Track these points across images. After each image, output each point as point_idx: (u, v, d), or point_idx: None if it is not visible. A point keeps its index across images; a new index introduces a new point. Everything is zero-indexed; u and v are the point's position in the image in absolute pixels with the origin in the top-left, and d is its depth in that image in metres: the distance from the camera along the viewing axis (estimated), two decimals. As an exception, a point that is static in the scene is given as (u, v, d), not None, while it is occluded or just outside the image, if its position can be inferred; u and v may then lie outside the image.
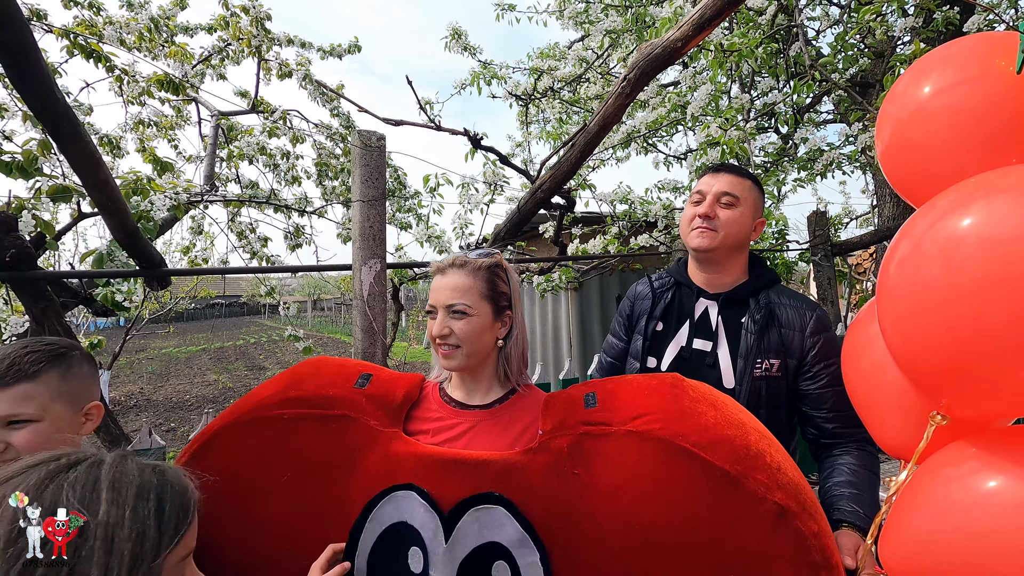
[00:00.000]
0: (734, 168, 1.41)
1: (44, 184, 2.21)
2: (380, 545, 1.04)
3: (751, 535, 0.91)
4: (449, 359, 1.10)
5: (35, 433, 0.92)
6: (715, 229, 1.33)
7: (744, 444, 0.96)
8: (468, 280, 1.10)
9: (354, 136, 1.75)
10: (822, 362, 1.29)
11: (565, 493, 0.99)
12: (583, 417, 1.03)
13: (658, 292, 1.47)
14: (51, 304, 1.57)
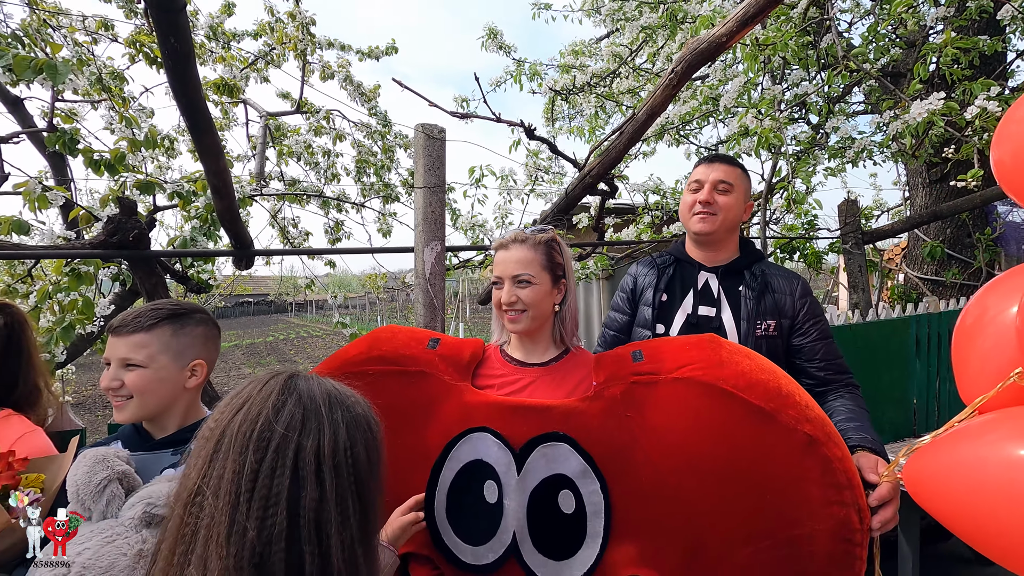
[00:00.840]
0: (726, 158, 1.58)
1: (130, 179, 2.46)
2: (459, 480, 1.20)
3: (784, 461, 1.05)
4: (516, 323, 1.26)
5: (141, 377, 1.07)
6: (715, 214, 1.51)
7: (776, 386, 1.10)
8: (530, 253, 1.26)
9: (417, 128, 1.93)
10: (811, 320, 1.47)
11: (620, 432, 1.15)
12: (632, 369, 1.18)
13: (661, 268, 1.63)
14: (160, 280, 1.79)
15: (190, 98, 1.24)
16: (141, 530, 0.89)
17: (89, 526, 0.89)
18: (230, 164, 3.66)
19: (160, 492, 0.91)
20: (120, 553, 0.85)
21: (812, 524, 1.04)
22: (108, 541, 0.86)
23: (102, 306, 2.60)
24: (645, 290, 1.60)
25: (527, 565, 1.15)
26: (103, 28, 3.82)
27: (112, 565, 0.84)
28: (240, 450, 0.65)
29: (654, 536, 1.11)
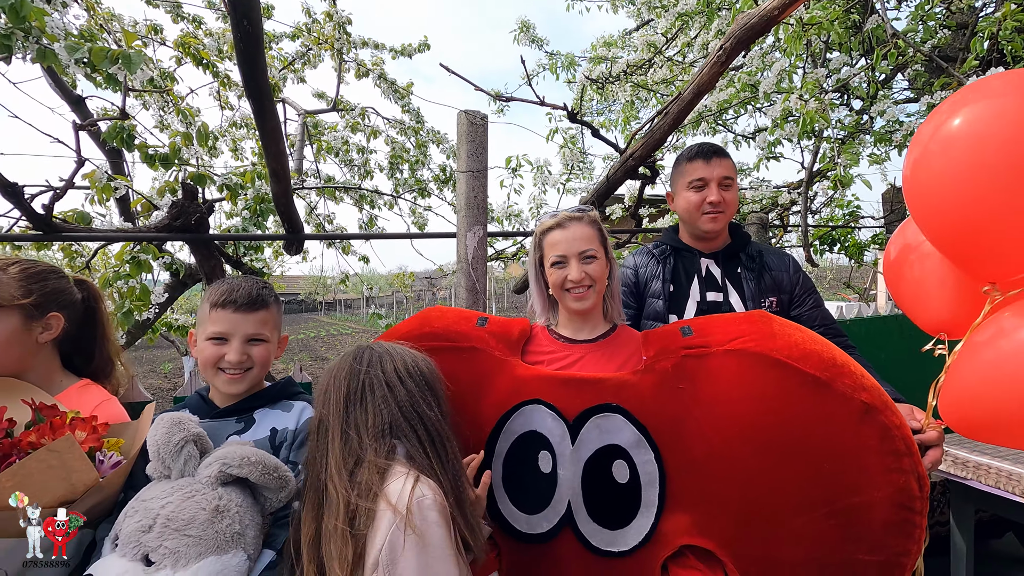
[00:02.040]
0: (719, 150, 1.58)
1: (184, 172, 2.57)
2: (513, 450, 1.23)
3: (840, 429, 1.04)
4: (583, 300, 1.27)
5: (265, 350, 1.17)
6: (723, 212, 1.54)
7: (831, 356, 1.09)
8: (588, 229, 1.28)
9: (460, 115, 1.96)
10: (805, 291, 1.57)
11: (673, 404, 1.15)
12: (682, 343, 1.18)
13: (661, 258, 1.64)
14: (219, 263, 1.88)
15: (258, 81, 1.31)
16: (217, 487, 0.95)
17: (169, 483, 0.95)
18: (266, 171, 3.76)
19: (234, 454, 0.97)
20: (199, 508, 0.91)
21: (870, 492, 1.03)
22: (188, 496, 0.92)
23: (156, 294, 2.73)
24: (650, 282, 1.61)
25: (582, 534, 1.17)
26: (153, 32, 4.00)
27: (193, 518, 0.89)
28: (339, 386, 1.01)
29: (708, 506, 1.12)
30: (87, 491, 0.95)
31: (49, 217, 1.59)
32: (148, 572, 0.85)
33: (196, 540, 0.88)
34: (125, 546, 0.88)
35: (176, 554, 0.86)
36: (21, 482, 0.86)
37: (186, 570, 0.86)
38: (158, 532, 0.87)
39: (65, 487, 0.92)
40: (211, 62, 3.95)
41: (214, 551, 0.89)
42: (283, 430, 1.14)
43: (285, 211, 1.87)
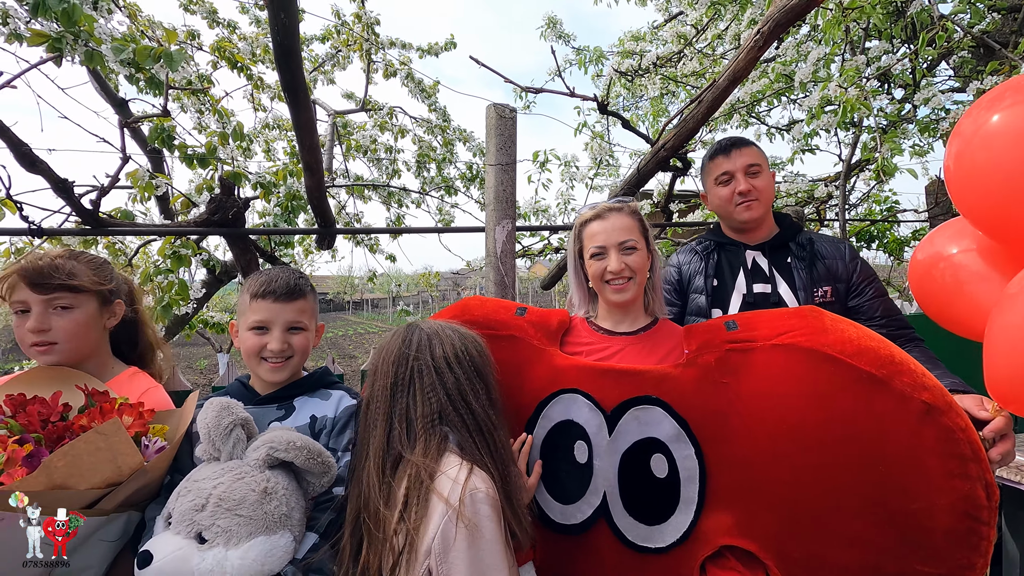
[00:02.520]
0: (740, 141, 1.55)
1: (220, 171, 2.64)
2: (550, 438, 1.21)
3: (897, 430, 0.99)
4: (623, 292, 1.25)
5: (304, 338, 1.19)
6: (756, 199, 1.50)
7: (888, 353, 1.04)
8: (628, 220, 1.25)
9: (489, 108, 1.95)
10: (865, 280, 1.48)
11: (716, 398, 1.12)
12: (727, 338, 1.15)
13: (704, 254, 1.62)
14: (254, 257, 1.92)
15: (293, 75, 1.33)
16: (264, 470, 0.97)
17: (218, 465, 0.97)
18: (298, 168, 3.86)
19: (281, 438, 0.99)
20: (249, 489, 0.93)
21: (930, 498, 0.98)
22: (238, 478, 0.94)
23: (194, 290, 2.82)
24: (693, 278, 1.59)
25: (617, 527, 1.15)
26: (191, 37, 4.13)
27: (244, 499, 0.92)
28: (386, 371, 1.04)
29: (750, 504, 1.08)
30: (132, 474, 0.98)
31: (96, 213, 1.66)
32: (202, 549, 0.88)
33: (247, 520, 0.90)
34: (179, 524, 0.90)
35: (228, 532, 0.89)
36: (71, 462, 0.89)
37: (238, 548, 0.89)
38: (211, 511, 0.90)
39: (112, 469, 0.95)
40: (245, 65, 4.06)
41: (263, 531, 0.91)
42: (322, 418, 1.16)
43: (318, 205, 1.90)
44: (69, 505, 0.91)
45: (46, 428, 0.99)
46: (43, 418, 1.01)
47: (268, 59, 4.83)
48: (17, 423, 0.98)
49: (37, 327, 1.14)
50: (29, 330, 1.14)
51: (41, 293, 1.14)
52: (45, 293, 1.15)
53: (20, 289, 1.14)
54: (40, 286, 1.14)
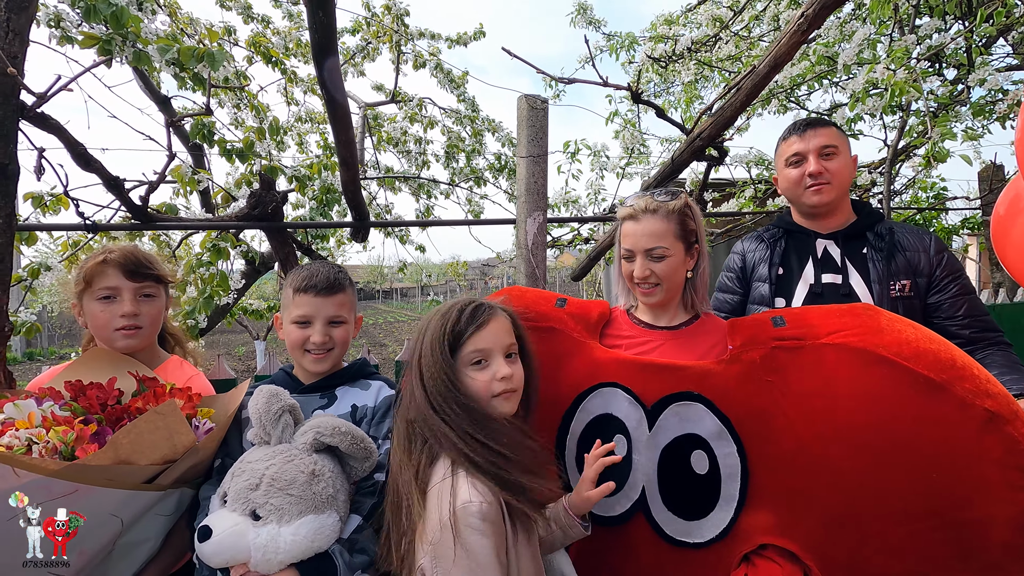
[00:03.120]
0: (818, 121, 1.47)
1: (257, 165, 2.71)
2: (588, 431, 1.21)
3: (955, 437, 0.95)
4: (650, 296, 1.23)
5: (345, 331, 1.23)
6: (828, 182, 1.43)
7: (949, 356, 0.99)
8: (663, 224, 1.20)
9: (520, 99, 1.94)
10: (950, 276, 1.39)
11: (760, 396, 1.10)
12: (774, 334, 1.12)
13: (771, 241, 1.55)
14: (292, 250, 1.98)
15: (330, 67, 1.35)
16: (312, 453, 1.02)
17: (269, 448, 1.02)
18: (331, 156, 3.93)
19: (327, 424, 1.03)
20: (299, 471, 0.98)
21: (987, 508, 0.94)
22: (288, 460, 0.99)
23: (234, 281, 2.91)
24: (757, 266, 1.54)
25: (655, 521, 1.14)
26: (227, 34, 4.22)
27: (294, 480, 0.97)
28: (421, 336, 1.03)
29: (793, 505, 1.06)
30: (185, 453, 1.04)
31: (146, 208, 1.73)
32: (256, 525, 0.94)
33: (297, 499, 0.95)
34: (235, 502, 0.96)
35: (280, 511, 0.94)
36: (135, 439, 0.96)
37: (289, 525, 0.94)
38: (264, 490, 0.95)
39: (168, 447, 1.01)
40: (280, 59, 4.13)
41: (312, 510, 0.96)
42: (363, 407, 1.20)
43: (353, 199, 1.93)
44: (133, 479, 0.98)
45: (105, 411, 1.06)
46: (101, 402, 1.08)
47: (301, 53, 4.91)
48: (79, 406, 1.05)
49: (132, 311, 1.23)
50: (122, 315, 1.23)
51: (133, 281, 1.24)
52: (137, 281, 1.24)
53: (112, 276, 1.23)
54: (134, 274, 1.24)
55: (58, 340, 13.36)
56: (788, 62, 1.68)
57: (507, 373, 0.99)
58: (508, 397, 1.00)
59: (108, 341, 1.25)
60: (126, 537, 1.05)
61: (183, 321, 2.47)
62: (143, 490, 1.01)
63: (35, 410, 0.98)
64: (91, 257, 1.26)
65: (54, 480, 0.88)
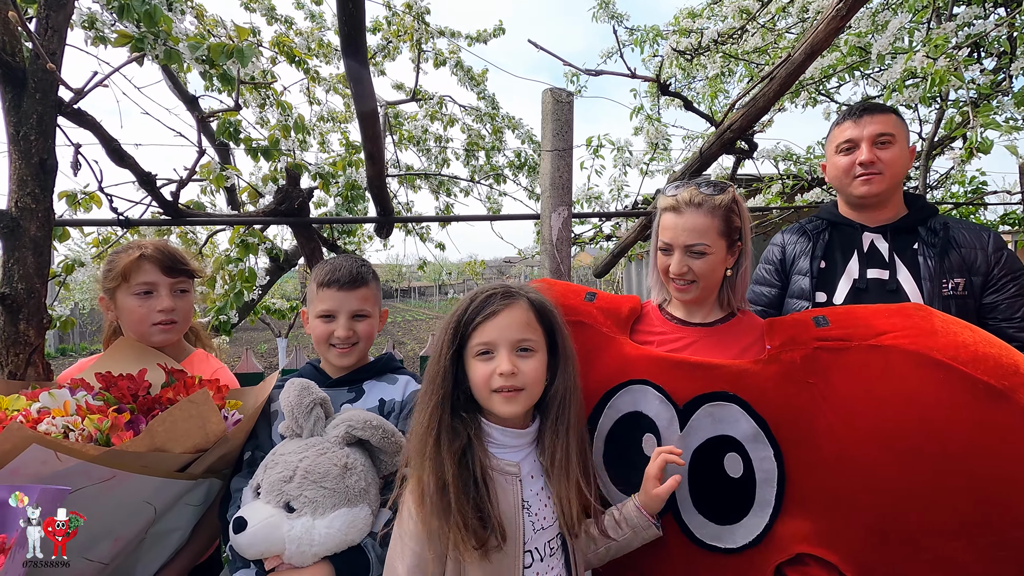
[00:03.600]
0: (876, 106, 1.39)
1: (282, 161, 2.74)
2: (616, 429, 1.18)
3: (1018, 449, 0.89)
4: (684, 293, 1.19)
5: (369, 325, 1.22)
6: (880, 172, 1.35)
7: (1012, 361, 0.93)
8: (706, 220, 1.14)
9: (545, 93, 1.92)
10: (1009, 275, 1.33)
11: (799, 399, 1.05)
12: (816, 334, 1.07)
13: (813, 234, 1.48)
14: (318, 245, 1.99)
15: (358, 63, 1.35)
16: (343, 447, 1.02)
17: (301, 441, 1.03)
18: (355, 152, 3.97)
19: (358, 417, 1.03)
20: (332, 464, 0.98)
21: None
22: (321, 453, 0.99)
23: (259, 277, 2.95)
24: (797, 259, 1.47)
25: (685, 524, 1.11)
26: (251, 34, 4.28)
27: (327, 473, 0.97)
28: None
29: (833, 513, 1.02)
30: (216, 442, 1.06)
31: (176, 204, 1.76)
32: (291, 517, 0.94)
33: (331, 492, 0.96)
34: (269, 494, 0.96)
35: (315, 503, 0.95)
36: (170, 427, 0.98)
37: (323, 518, 0.94)
38: (298, 483, 0.96)
39: (201, 435, 1.02)
40: (303, 58, 4.18)
41: (345, 503, 0.97)
42: (390, 401, 1.20)
43: (379, 194, 1.94)
44: (166, 467, 1.00)
45: (137, 401, 1.08)
46: (132, 392, 1.10)
47: (322, 53, 4.95)
48: (112, 396, 1.07)
49: (170, 307, 1.25)
50: (160, 310, 1.25)
51: (170, 276, 1.26)
52: (173, 276, 1.27)
53: (149, 271, 1.24)
54: (171, 270, 1.26)
55: (89, 336, 13.80)
56: (825, 49, 1.62)
57: (506, 369, 0.89)
58: (509, 397, 0.91)
59: (144, 336, 1.26)
60: (157, 526, 1.07)
61: (215, 317, 2.52)
62: (175, 478, 1.02)
63: (69, 399, 1.00)
64: (124, 252, 1.27)
65: (94, 465, 0.90)
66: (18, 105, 1.24)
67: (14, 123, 1.24)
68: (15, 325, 1.31)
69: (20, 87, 1.23)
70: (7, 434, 0.83)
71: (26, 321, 1.32)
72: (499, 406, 0.92)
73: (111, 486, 0.93)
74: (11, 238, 1.28)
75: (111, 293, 1.27)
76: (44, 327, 1.38)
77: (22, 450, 0.83)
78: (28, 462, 0.84)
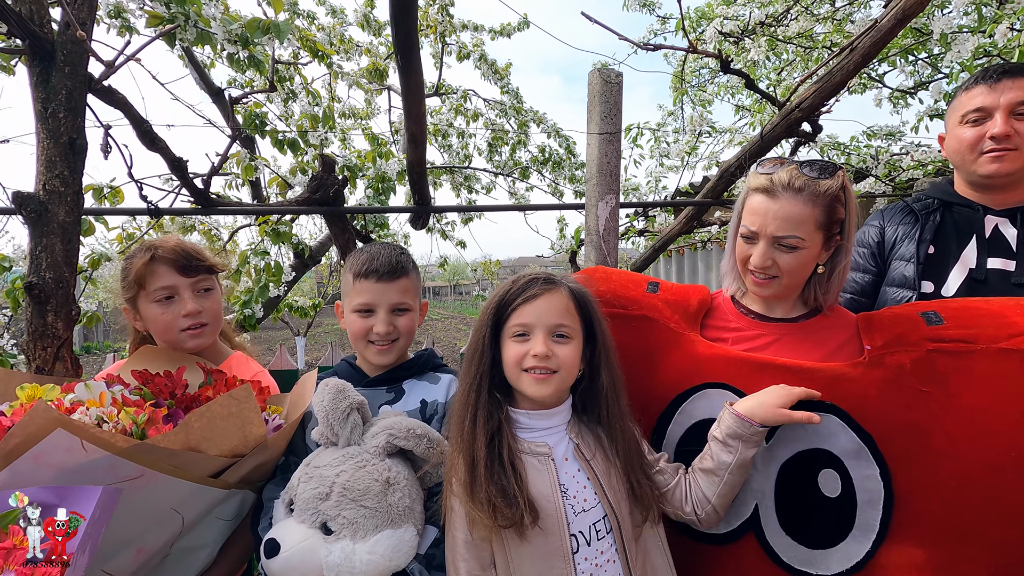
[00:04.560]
0: (1014, 68, 1.19)
1: (308, 153, 2.67)
2: (689, 437, 1.06)
3: None
4: (763, 288, 1.05)
5: (409, 319, 1.12)
6: (1015, 148, 1.17)
7: None
8: (805, 208, 0.98)
9: (592, 73, 1.80)
10: None
11: (911, 410, 0.92)
12: (928, 334, 0.93)
13: (922, 214, 1.31)
14: (352, 237, 1.91)
15: (408, 30, 1.26)
16: (384, 458, 0.91)
17: (337, 451, 0.92)
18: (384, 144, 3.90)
19: (400, 425, 0.92)
20: (372, 479, 0.88)
21: None
22: (360, 466, 0.89)
23: (284, 272, 2.89)
24: (900, 242, 1.31)
25: (769, 544, 0.99)
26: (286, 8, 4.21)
27: (368, 489, 0.87)
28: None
29: (951, 543, 0.89)
30: (255, 448, 0.96)
31: (208, 192, 1.68)
32: (328, 541, 0.85)
33: (372, 512, 0.86)
34: (303, 512, 0.87)
35: (355, 525, 0.85)
36: (207, 424, 0.89)
37: (365, 542, 0.85)
38: (335, 501, 0.86)
39: (239, 437, 0.93)
40: (326, 53, 4.11)
41: (388, 524, 0.87)
42: (433, 402, 1.10)
43: (417, 181, 1.83)
44: (200, 470, 0.90)
45: (175, 398, 1.00)
46: (170, 390, 1.02)
47: (344, 49, 4.89)
48: (149, 391, 0.98)
49: (196, 309, 1.14)
50: (186, 314, 1.13)
51: (189, 276, 1.14)
52: (192, 276, 1.15)
53: (165, 274, 1.13)
54: (188, 269, 1.14)
55: (112, 335, 14.01)
56: (919, 13, 1.45)
57: (541, 350, 0.89)
58: (541, 379, 0.90)
59: (176, 344, 1.16)
60: (184, 540, 0.98)
61: (240, 311, 2.46)
62: (208, 485, 0.93)
63: (105, 391, 0.92)
64: (136, 255, 1.15)
65: (121, 460, 0.81)
66: (46, 80, 1.16)
67: (42, 99, 1.16)
68: (43, 317, 1.23)
69: (48, 61, 1.15)
70: (32, 414, 0.76)
71: (54, 313, 1.24)
72: (529, 386, 0.91)
73: (138, 487, 0.83)
74: (39, 223, 1.20)
75: (132, 303, 1.16)
76: (73, 319, 1.30)
77: (47, 434, 0.76)
78: (52, 448, 0.77)
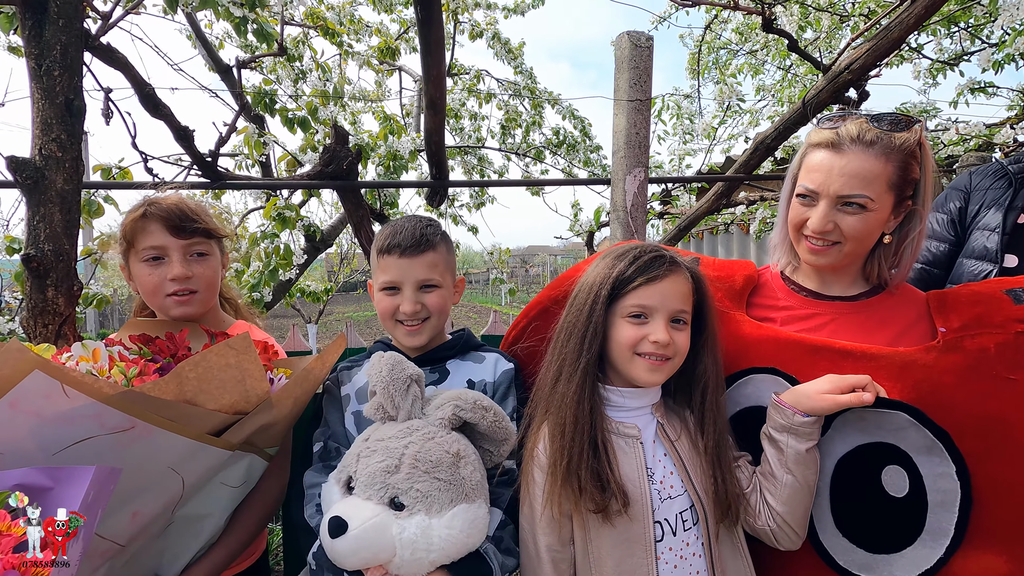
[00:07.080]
0: None
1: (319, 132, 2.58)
2: (733, 425, 0.97)
3: None
4: (820, 256, 0.93)
5: (439, 297, 1.03)
6: None
7: None
8: (876, 164, 0.86)
9: (620, 37, 1.68)
10: None
11: (994, 400, 0.82)
12: (1016, 315, 0.83)
13: (1017, 178, 1.19)
14: (366, 213, 1.82)
15: None
16: (450, 431, 0.85)
17: (398, 424, 0.86)
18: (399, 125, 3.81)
19: (467, 397, 0.87)
20: (443, 451, 0.82)
21: None
22: (428, 438, 0.83)
23: (296, 255, 2.82)
24: (984, 209, 1.19)
25: (824, 548, 0.90)
26: (285, 7, 4.11)
27: (440, 461, 0.81)
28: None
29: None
30: (257, 406, 0.89)
31: (216, 164, 1.60)
32: (401, 516, 0.78)
33: (446, 485, 0.80)
34: (369, 487, 0.80)
35: (429, 498, 0.79)
36: (202, 374, 0.81)
37: (440, 517, 0.78)
38: (407, 473, 0.80)
39: (239, 391, 0.86)
40: (337, 31, 4.01)
41: (463, 499, 0.81)
42: (480, 382, 1.03)
43: (436, 152, 1.74)
44: (197, 425, 0.83)
45: (175, 358, 0.93)
46: (171, 352, 0.96)
47: (353, 29, 4.77)
48: (148, 351, 0.93)
49: (183, 274, 1.04)
50: (172, 278, 1.04)
51: (181, 237, 1.04)
52: (184, 238, 1.05)
53: (155, 233, 1.03)
54: (180, 230, 1.04)
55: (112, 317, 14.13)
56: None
57: (663, 338, 0.84)
58: (656, 366, 0.85)
59: (161, 309, 1.07)
60: (187, 508, 0.91)
61: (248, 294, 2.39)
62: (208, 444, 0.84)
63: (100, 348, 0.85)
64: (131, 210, 1.06)
65: (108, 408, 0.73)
66: (39, 34, 1.08)
67: (35, 55, 1.08)
68: (42, 292, 1.16)
69: (41, 12, 1.07)
70: (5, 355, 0.68)
71: (55, 287, 1.18)
72: (642, 372, 0.86)
73: (128, 439, 0.76)
74: (35, 191, 1.13)
75: (126, 259, 1.09)
76: (75, 295, 1.23)
77: (23, 376, 0.69)
78: (29, 393, 0.70)
